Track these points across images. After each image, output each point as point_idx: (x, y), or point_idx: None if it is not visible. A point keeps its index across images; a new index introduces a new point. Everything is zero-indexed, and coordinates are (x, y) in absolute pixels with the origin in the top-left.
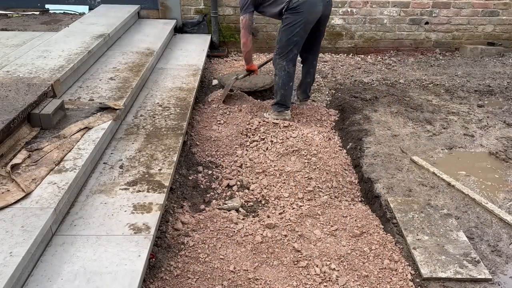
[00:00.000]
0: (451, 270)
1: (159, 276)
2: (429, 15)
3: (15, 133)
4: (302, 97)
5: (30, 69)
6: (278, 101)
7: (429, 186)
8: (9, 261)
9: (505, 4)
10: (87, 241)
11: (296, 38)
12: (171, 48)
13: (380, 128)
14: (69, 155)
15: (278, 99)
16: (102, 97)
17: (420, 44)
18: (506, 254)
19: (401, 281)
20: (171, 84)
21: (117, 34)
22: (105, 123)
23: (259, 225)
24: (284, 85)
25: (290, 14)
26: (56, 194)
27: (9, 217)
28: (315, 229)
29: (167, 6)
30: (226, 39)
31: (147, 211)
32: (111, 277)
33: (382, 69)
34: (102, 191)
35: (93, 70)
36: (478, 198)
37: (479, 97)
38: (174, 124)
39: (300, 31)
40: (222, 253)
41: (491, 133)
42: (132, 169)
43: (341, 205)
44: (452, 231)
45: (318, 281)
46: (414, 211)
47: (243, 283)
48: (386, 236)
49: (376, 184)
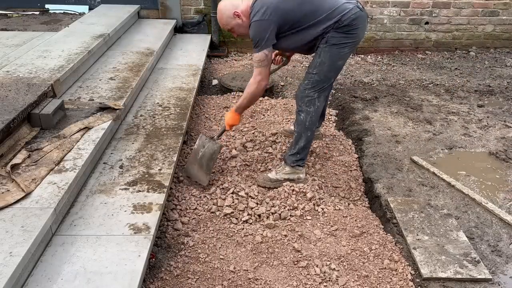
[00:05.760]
0: (451, 270)
1: (159, 276)
2: (429, 15)
3: (15, 133)
4: (319, 123)
5: (30, 69)
6: (299, 150)
7: (429, 186)
8: (9, 261)
9: (505, 4)
10: (87, 241)
11: (341, 62)
12: (171, 48)
13: (380, 128)
14: (69, 155)
15: (302, 147)
16: (102, 97)
17: (420, 44)
18: (506, 254)
19: (401, 281)
20: (171, 84)
21: (117, 34)
22: (105, 123)
23: (259, 225)
24: (312, 125)
25: (338, 32)
26: (56, 194)
27: (9, 217)
28: (315, 229)
29: (167, 6)
30: (226, 39)
31: (147, 211)
32: (111, 277)
33: (382, 69)
34: (102, 191)
35: (93, 70)
36: (478, 198)
37: (479, 97)
38: (174, 124)
39: (348, 53)
40: (222, 253)
41: (491, 133)
42: (132, 169)
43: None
44: (452, 231)
45: (318, 281)
46: (414, 211)
47: (243, 283)
48: (386, 236)
49: (376, 184)
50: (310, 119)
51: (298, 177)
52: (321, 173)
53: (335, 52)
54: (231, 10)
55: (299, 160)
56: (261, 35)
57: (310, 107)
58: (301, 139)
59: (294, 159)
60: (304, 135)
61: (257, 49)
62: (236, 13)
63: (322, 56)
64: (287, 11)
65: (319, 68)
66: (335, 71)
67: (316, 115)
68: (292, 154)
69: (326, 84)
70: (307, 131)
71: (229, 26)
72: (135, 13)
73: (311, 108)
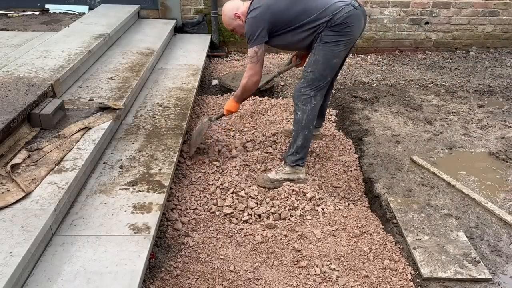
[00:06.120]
0: (451, 270)
1: (159, 276)
2: (429, 15)
3: (15, 133)
4: (319, 123)
5: (30, 69)
6: (297, 149)
7: (429, 186)
8: (9, 261)
9: (505, 4)
10: (87, 241)
11: (336, 60)
12: (171, 48)
13: (380, 128)
14: (69, 155)
15: (300, 145)
16: (102, 97)
17: (420, 44)
18: (506, 254)
19: (401, 281)
20: (171, 84)
21: (117, 34)
22: (105, 123)
23: (259, 225)
24: (308, 123)
25: (332, 31)
26: (56, 194)
27: (9, 217)
28: (315, 229)
29: (167, 6)
30: (226, 39)
31: (147, 211)
32: (111, 277)
33: (382, 69)
34: (102, 191)
35: (93, 70)
36: (478, 198)
37: (479, 97)
38: (174, 124)
39: (342, 51)
40: (222, 253)
41: (491, 133)
42: (132, 169)
43: (341, 205)
44: (452, 231)
45: (318, 281)
46: (414, 211)
47: (243, 283)
48: (386, 236)
49: (376, 184)
50: (306, 117)
51: (298, 177)
52: (321, 173)
53: (329, 50)
54: (232, 12)
55: (299, 160)
56: (252, 32)
57: (306, 105)
58: (299, 138)
59: (293, 159)
60: (301, 133)
61: (249, 45)
62: (236, 14)
63: (317, 55)
64: (279, 10)
65: (314, 67)
66: (330, 69)
67: (313, 113)
68: (291, 154)
69: (322, 82)
70: (304, 129)
71: (231, 26)
72: (135, 13)
73: (307, 107)
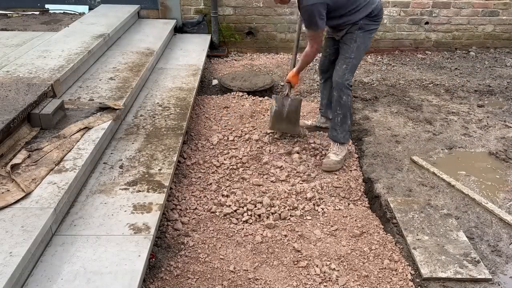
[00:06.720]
0: (451, 270)
1: (159, 276)
2: (429, 15)
3: (15, 133)
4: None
5: (30, 69)
6: (349, 127)
7: (429, 186)
8: (9, 261)
9: (505, 4)
10: (87, 241)
11: (367, 48)
12: (171, 48)
13: (380, 128)
14: (69, 155)
15: (349, 124)
16: (102, 97)
17: (420, 44)
18: (506, 254)
19: (401, 281)
20: (171, 84)
21: (117, 34)
22: (105, 123)
23: (259, 225)
24: (351, 105)
25: (370, 20)
26: (56, 194)
27: (9, 217)
28: (315, 229)
29: (167, 6)
30: (226, 39)
31: (147, 211)
32: (111, 277)
33: (382, 69)
34: (102, 191)
35: (93, 70)
36: (478, 198)
37: (479, 97)
38: (174, 124)
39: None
40: (222, 253)
41: (491, 133)
42: (132, 169)
43: (341, 205)
44: (452, 231)
45: (318, 281)
46: (414, 211)
47: (243, 283)
48: (386, 236)
49: (376, 184)
50: (350, 99)
51: (348, 150)
52: (321, 173)
53: (367, 37)
54: None
55: (349, 135)
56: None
57: (348, 89)
58: (347, 118)
59: (347, 136)
60: (348, 113)
61: (311, 29)
62: None
63: (358, 41)
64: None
65: (357, 52)
66: (363, 55)
67: (351, 96)
68: (344, 132)
69: (357, 66)
70: (350, 109)
71: None
72: (135, 13)
73: (350, 91)
